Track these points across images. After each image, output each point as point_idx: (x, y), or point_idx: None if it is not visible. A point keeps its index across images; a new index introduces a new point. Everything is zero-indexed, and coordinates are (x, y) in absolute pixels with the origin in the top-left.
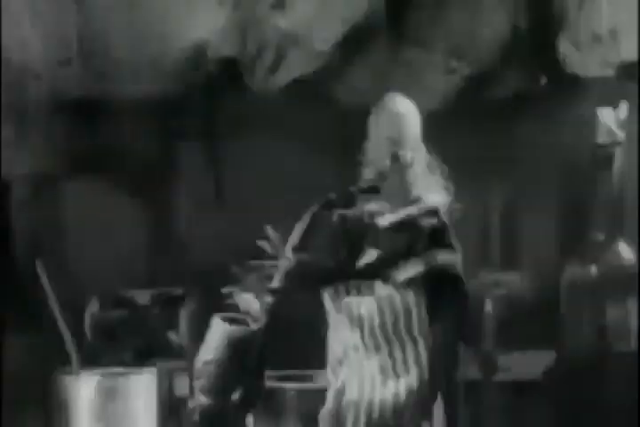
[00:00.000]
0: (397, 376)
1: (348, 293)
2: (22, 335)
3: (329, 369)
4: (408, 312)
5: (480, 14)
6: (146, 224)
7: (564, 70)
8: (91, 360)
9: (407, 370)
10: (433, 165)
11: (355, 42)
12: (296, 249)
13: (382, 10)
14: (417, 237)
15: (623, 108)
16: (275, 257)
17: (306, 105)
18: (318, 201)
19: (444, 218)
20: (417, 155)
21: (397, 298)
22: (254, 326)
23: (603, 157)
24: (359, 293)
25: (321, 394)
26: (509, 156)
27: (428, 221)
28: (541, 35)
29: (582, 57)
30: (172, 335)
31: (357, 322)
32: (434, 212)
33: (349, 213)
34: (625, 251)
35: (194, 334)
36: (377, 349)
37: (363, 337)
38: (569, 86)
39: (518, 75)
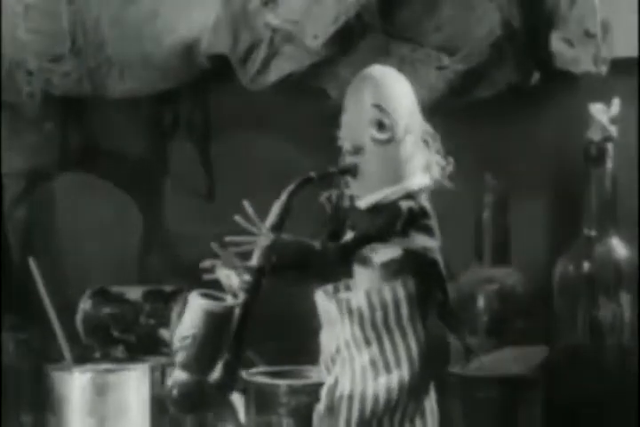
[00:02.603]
0: (389, 370)
1: (337, 289)
2: (14, 331)
3: (322, 366)
4: (397, 305)
5: (472, 10)
6: (138, 221)
7: (557, 66)
8: (83, 357)
9: (399, 364)
10: (429, 137)
11: (346, 38)
12: (274, 228)
13: (374, 6)
14: (394, 219)
15: (616, 105)
16: (253, 234)
17: (298, 102)
18: (295, 180)
19: (424, 201)
20: (411, 123)
21: (386, 290)
22: (231, 302)
23: (595, 153)
24: (348, 288)
25: (311, 389)
26: (501, 151)
27: (406, 204)
28: (534, 31)
29: (575, 53)
30: (163, 332)
31: (348, 317)
32: (412, 195)
33: (334, 194)
34: (618, 246)
35: None
36: (367, 343)
37: (353, 332)
38: (561, 82)
39: (510, 71)
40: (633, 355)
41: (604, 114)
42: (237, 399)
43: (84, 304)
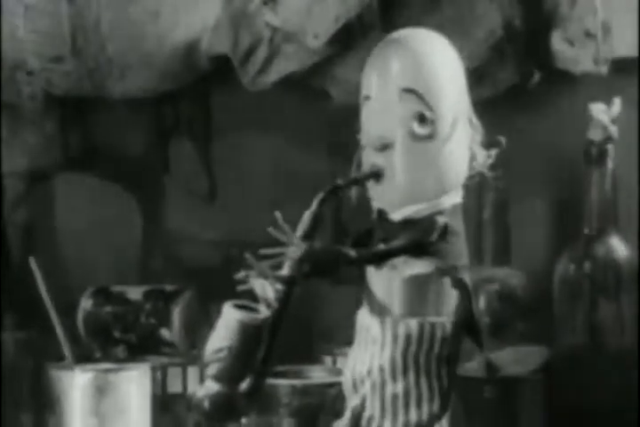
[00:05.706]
0: (420, 403)
1: (382, 309)
2: (15, 331)
3: (349, 383)
4: (443, 341)
5: (472, 10)
6: (139, 221)
7: (557, 66)
8: (84, 356)
9: (432, 397)
10: (475, 129)
11: (347, 38)
12: (306, 237)
13: (375, 5)
14: (431, 230)
15: (616, 104)
16: (285, 244)
17: (299, 102)
18: (324, 188)
19: (457, 220)
20: (459, 115)
21: (438, 325)
22: (266, 313)
23: (596, 153)
24: (392, 312)
25: (313, 390)
26: (502, 151)
27: (443, 219)
28: (534, 31)
29: (575, 53)
30: (164, 332)
31: (392, 344)
32: (444, 211)
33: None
34: (618, 246)
35: (186, 330)
36: (405, 372)
37: (393, 358)
38: (562, 82)
39: (511, 71)
40: (633, 355)
41: (604, 114)
42: None
43: (85, 304)
